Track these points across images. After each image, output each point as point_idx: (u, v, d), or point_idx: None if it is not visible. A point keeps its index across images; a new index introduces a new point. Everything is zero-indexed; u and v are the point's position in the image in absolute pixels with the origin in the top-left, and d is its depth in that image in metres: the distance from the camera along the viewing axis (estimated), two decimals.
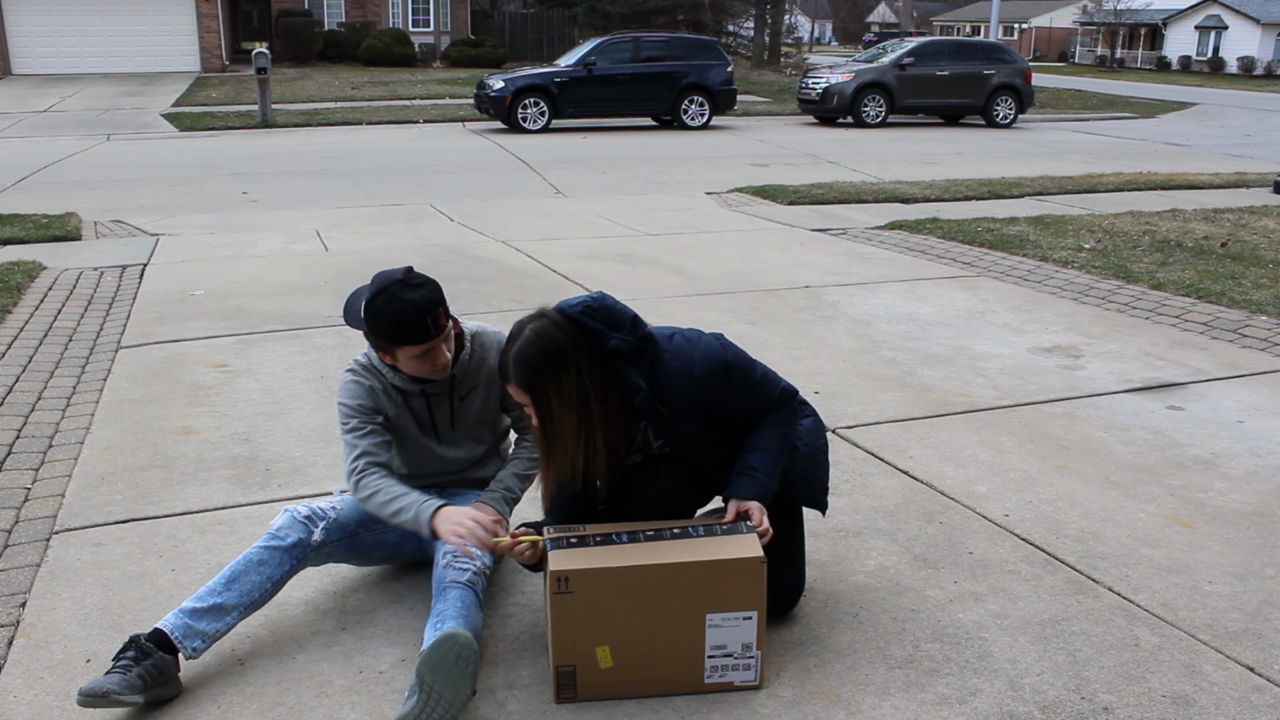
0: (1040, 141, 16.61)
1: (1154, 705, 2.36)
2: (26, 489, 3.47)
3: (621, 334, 2.41)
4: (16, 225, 8.08)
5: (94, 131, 16.16)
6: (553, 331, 2.37)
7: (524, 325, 2.40)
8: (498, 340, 2.80)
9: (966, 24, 68.69)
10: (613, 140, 15.98)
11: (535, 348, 2.35)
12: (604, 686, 2.34)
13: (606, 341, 2.39)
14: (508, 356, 2.38)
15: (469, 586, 2.47)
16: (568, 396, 2.36)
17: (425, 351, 2.56)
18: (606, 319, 2.41)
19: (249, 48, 25.07)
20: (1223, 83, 39.20)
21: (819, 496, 2.73)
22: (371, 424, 2.69)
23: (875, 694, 2.40)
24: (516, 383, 2.37)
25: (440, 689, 2.19)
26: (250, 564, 2.51)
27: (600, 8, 33.85)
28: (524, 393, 2.37)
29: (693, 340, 2.49)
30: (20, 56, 26.95)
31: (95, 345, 5.13)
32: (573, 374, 2.35)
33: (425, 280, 2.56)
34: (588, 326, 2.39)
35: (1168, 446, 3.89)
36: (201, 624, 2.40)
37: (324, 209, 9.33)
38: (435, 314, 2.53)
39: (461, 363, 2.74)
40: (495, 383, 2.78)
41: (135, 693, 2.24)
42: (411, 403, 2.74)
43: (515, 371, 2.36)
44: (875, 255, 7.36)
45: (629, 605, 2.30)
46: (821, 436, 2.76)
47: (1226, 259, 7.06)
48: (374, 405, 2.71)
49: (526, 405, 2.41)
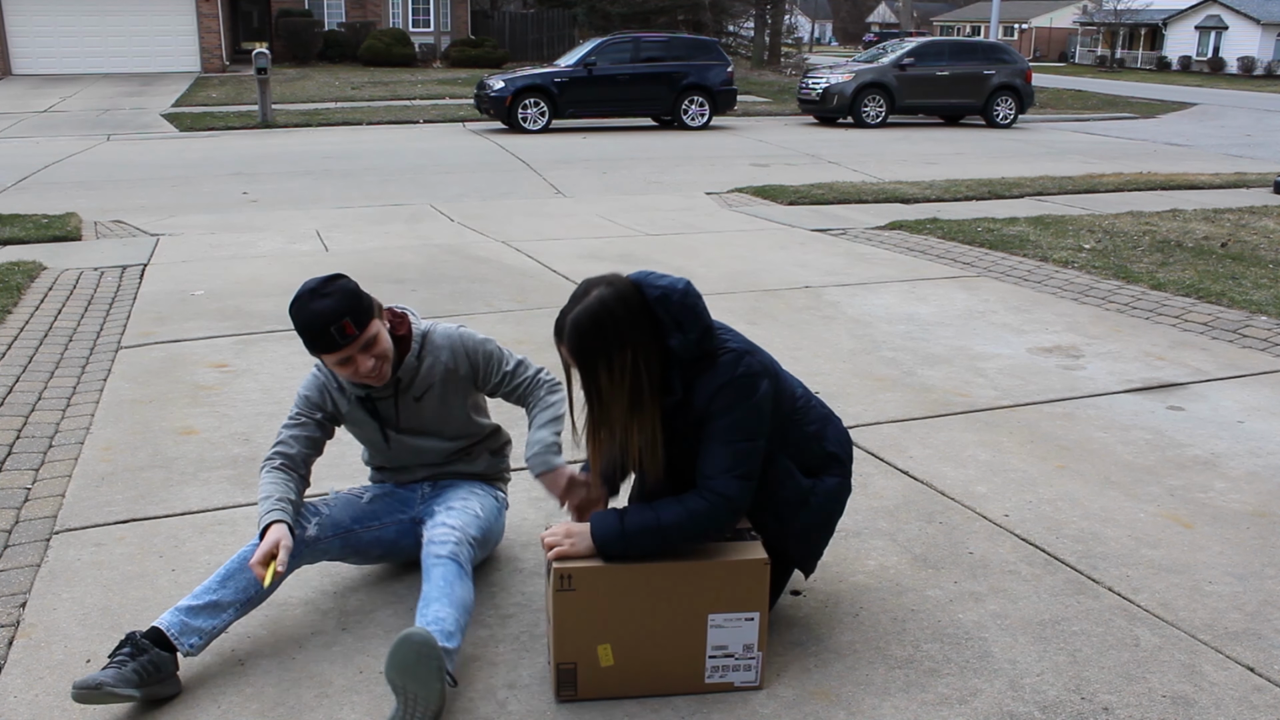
0: (1040, 142, 16.61)
1: (1154, 705, 2.36)
2: (26, 489, 3.47)
3: (686, 337, 2.28)
4: (16, 225, 8.08)
5: (94, 131, 16.16)
6: (616, 306, 2.24)
7: (590, 288, 2.28)
8: (449, 338, 2.74)
9: (966, 24, 68.69)
10: (613, 140, 15.98)
11: (592, 319, 2.22)
12: (604, 685, 2.34)
13: (666, 339, 2.28)
14: (565, 317, 2.26)
15: (451, 559, 2.48)
16: (618, 377, 2.24)
17: (341, 360, 2.52)
18: (678, 316, 2.28)
19: (249, 48, 25.08)
20: (1223, 83, 39.20)
21: (809, 560, 2.60)
22: (306, 417, 2.70)
23: (875, 694, 2.40)
24: (567, 348, 2.26)
25: (413, 689, 2.19)
26: (244, 561, 2.51)
27: (600, 8, 33.84)
28: (572, 359, 2.27)
29: (750, 372, 2.32)
30: (20, 56, 26.96)
31: (95, 345, 5.13)
32: (628, 355, 2.24)
33: (338, 289, 2.49)
34: (655, 313, 2.28)
35: (1168, 446, 3.89)
36: (198, 621, 2.40)
37: (324, 209, 9.33)
38: (341, 324, 2.45)
39: (408, 365, 2.69)
40: (452, 380, 2.74)
41: (129, 686, 2.24)
42: (363, 403, 2.74)
43: (568, 337, 2.25)
44: (875, 255, 7.36)
45: (631, 604, 2.29)
46: (838, 502, 2.57)
47: (1226, 259, 7.06)
48: (319, 400, 2.71)
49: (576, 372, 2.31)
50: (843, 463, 2.57)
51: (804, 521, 2.49)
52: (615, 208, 9.42)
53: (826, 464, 2.55)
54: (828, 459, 2.55)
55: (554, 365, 2.73)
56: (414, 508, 2.84)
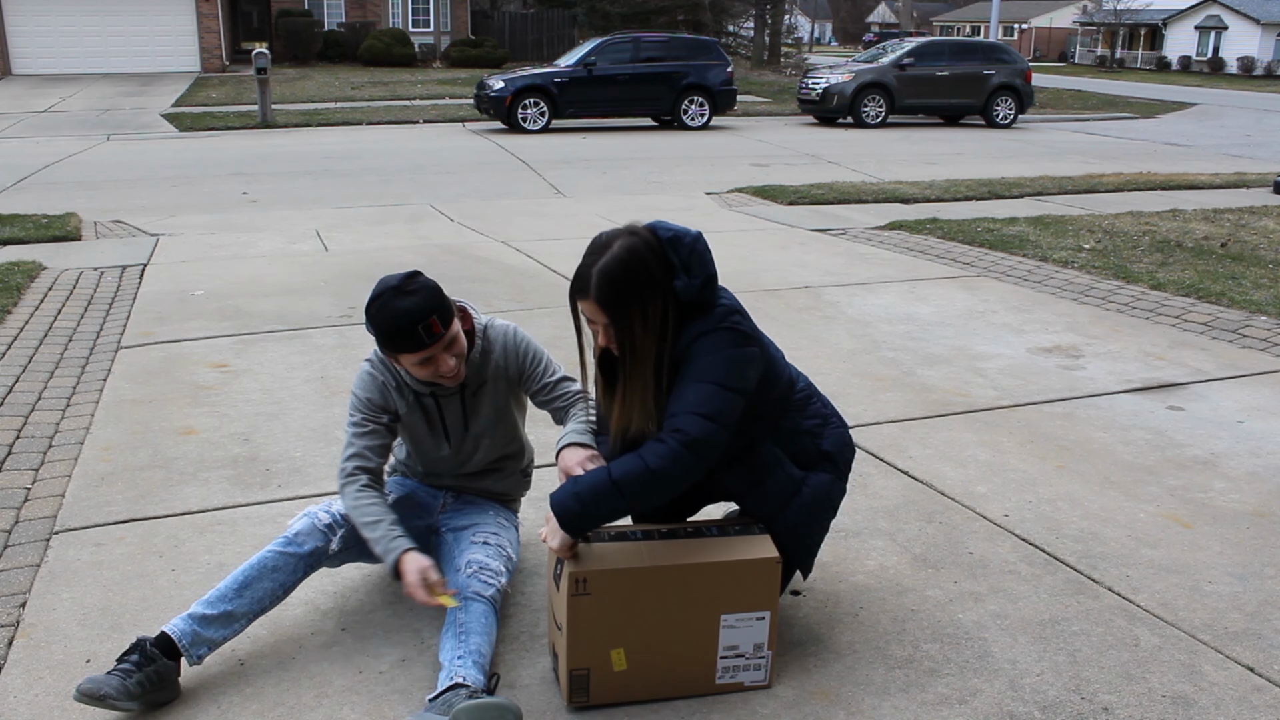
0: (1040, 141, 16.61)
1: (1154, 705, 2.36)
2: (26, 489, 3.47)
3: (690, 281, 2.25)
4: (16, 225, 8.08)
5: (94, 131, 16.16)
6: (644, 253, 2.21)
7: (612, 238, 2.23)
8: (504, 334, 2.71)
9: (966, 24, 68.69)
10: (613, 140, 15.98)
11: (624, 266, 2.19)
12: (617, 690, 2.32)
13: (673, 280, 2.25)
14: (590, 269, 2.21)
15: (492, 603, 2.45)
16: (651, 325, 2.21)
17: (424, 360, 2.47)
18: (686, 260, 2.25)
19: (249, 48, 25.08)
20: (1223, 83, 39.20)
21: (803, 557, 2.53)
22: (374, 422, 2.62)
23: (875, 694, 2.40)
24: (597, 300, 2.20)
25: None
26: (264, 570, 2.47)
27: (600, 8, 33.84)
28: (603, 312, 2.21)
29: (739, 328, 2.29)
30: (20, 56, 26.96)
31: (95, 345, 5.13)
32: (659, 303, 2.22)
33: (421, 286, 2.45)
34: (667, 257, 2.24)
35: (1168, 446, 3.89)
36: (209, 631, 2.39)
37: (324, 209, 9.33)
38: (428, 321, 2.41)
39: (471, 360, 2.65)
40: (501, 378, 2.70)
41: (131, 700, 2.24)
42: (422, 401, 2.67)
43: (599, 288, 2.20)
44: (875, 255, 7.36)
45: (645, 606, 2.27)
46: (830, 498, 2.52)
47: (1226, 259, 7.06)
48: (382, 401, 2.63)
49: (603, 326, 2.25)
50: (836, 464, 2.53)
51: (795, 514, 2.44)
52: (615, 208, 9.41)
53: (818, 462, 2.51)
54: (820, 457, 2.51)
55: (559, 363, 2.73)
56: (433, 515, 2.80)
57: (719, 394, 2.23)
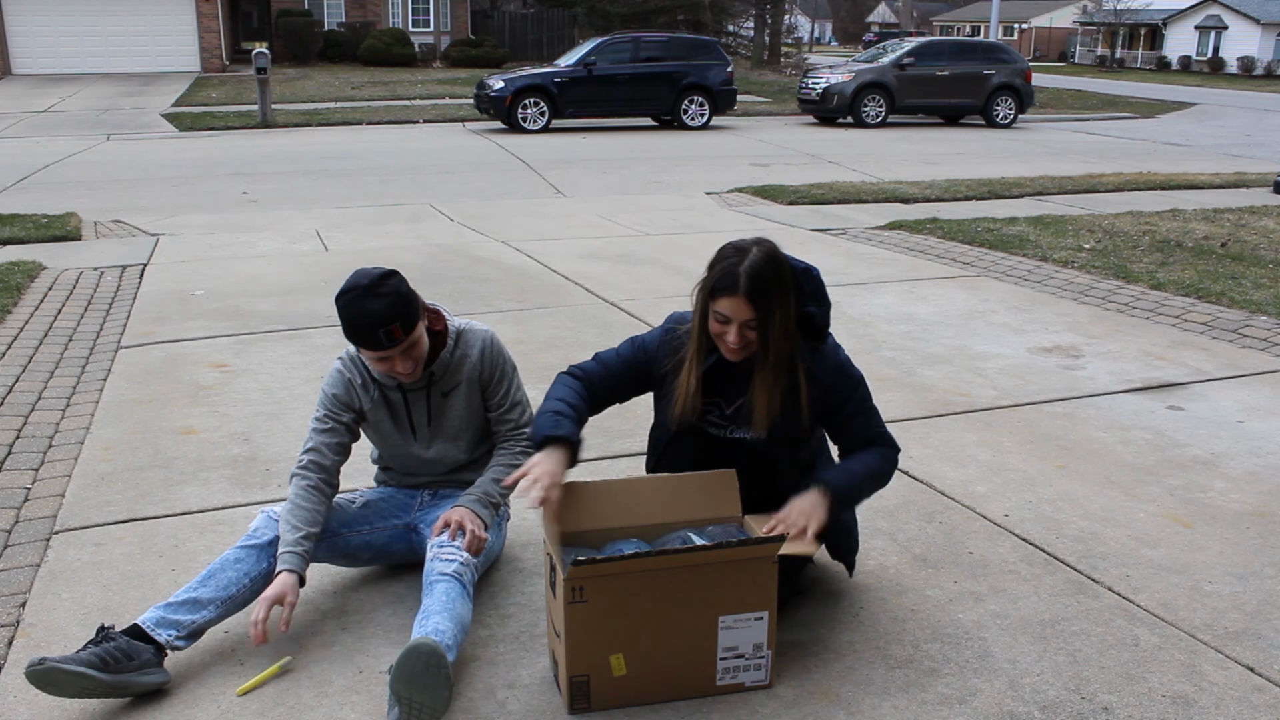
0: (1040, 141, 16.61)
1: (1154, 705, 2.36)
2: (26, 489, 3.47)
3: (823, 310, 2.48)
4: (16, 225, 8.08)
5: (94, 131, 16.16)
6: (782, 259, 2.38)
7: (749, 245, 2.38)
8: (483, 338, 2.76)
9: (966, 24, 68.70)
10: (613, 140, 15.98)
11: (774, 267, 2.34)
12: (617, 695, 2.32)
13: (804, 305, 2.42)
14: (737, 268, 2.33)
15: (455, 578, 2.46)
16: (790, 328, 2.37)
17: (380, 358, 2.54)
18: (816, 290, 2.48)
19: (249, 48, 25.06)
20: (1223, 83, 39.20)
21: (848, 554, 2.76)
22: (335, 420, 2.69)
23: (875, 694, 2.40)
24: (746, 294, 2.32)
25: (419, 699, 2.17)
26: (225, 562, 2.52)
27: (600, 8, 33.85)
28: (751, 307, 2.33)
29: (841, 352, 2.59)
30: (20, 56, 26.95)
31: (95, 345, 5.13)
32: (794, 310, 2.38)
33: (391, 291, 2.47)
34: (798, 281, 2.42)
35: (1168, 446, 3.89)
36: (176, 615, 2.41)
37: (324, 209, 9.33)
38: (390, 328, 2.45)
39: (442, 360, 2.70)
40: (475, 381, 2.75)
41: (83, 665, 2.22)
42: (389, 395, 2.73)
43: (750, 285, 2.31)
44: (875, 255, 7.36)
45: (642, 610, 2.27)
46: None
47: (1226, 259, 7.06)
48: (347, 399, 2.71)
49: (740, 325, 2.36)
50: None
51: (850, 514, 2.68)
52: (615, 207, 9.42)
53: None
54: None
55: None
56: (410, 514, 2.83)
57: (876, 410, 2.64)
